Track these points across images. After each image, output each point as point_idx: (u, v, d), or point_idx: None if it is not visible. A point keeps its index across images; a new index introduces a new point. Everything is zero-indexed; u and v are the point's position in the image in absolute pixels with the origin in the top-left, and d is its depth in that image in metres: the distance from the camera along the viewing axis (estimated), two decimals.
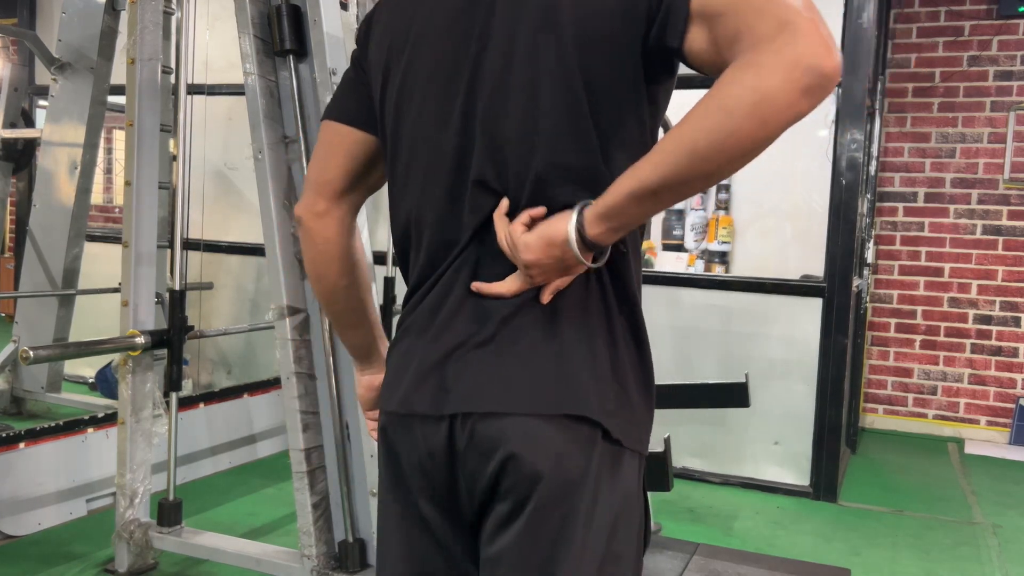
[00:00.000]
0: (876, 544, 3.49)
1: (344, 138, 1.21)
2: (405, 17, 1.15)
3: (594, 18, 1.02)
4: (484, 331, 1.07)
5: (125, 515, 2.84)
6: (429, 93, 1.11)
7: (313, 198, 1.23)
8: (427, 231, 1.13)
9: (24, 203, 5.61)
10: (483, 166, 1.07)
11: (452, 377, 1.07)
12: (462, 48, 1.08)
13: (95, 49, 4.37)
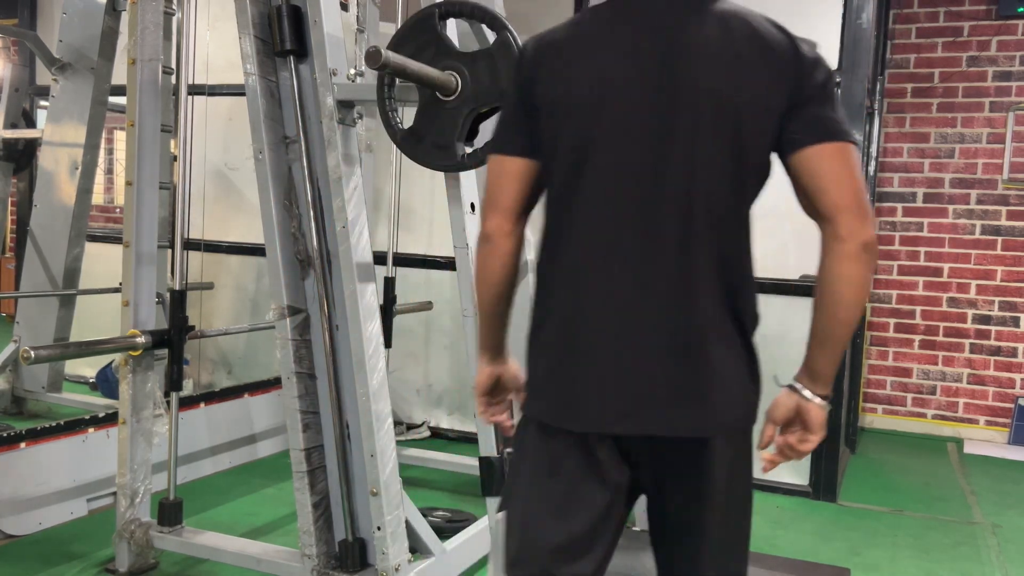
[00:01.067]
0: (875, 544, 3.50)
1: (519, 168, 1.41)
2: (589, 64, 1.34)
3: (761, 114, 1.31)
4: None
5: (126, 515, 2.84)
6: (626, 136, 1.31)
7: (501, 220, 1.43)
8: (615, 251, 1.33)
9: (25, 203, 5.62)
10: (676, 206, 1.31)
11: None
12: (656, 104, 1.30)
13: (96, 49, 4.37)
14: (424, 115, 2.09)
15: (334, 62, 2.40)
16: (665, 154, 1.30)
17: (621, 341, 1.32)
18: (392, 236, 4.16)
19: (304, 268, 2.56)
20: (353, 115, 2.45)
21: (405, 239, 4.77)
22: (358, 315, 2.38)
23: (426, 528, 2.64)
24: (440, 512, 3.40)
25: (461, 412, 4.81)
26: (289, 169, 2.56)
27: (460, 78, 2.03)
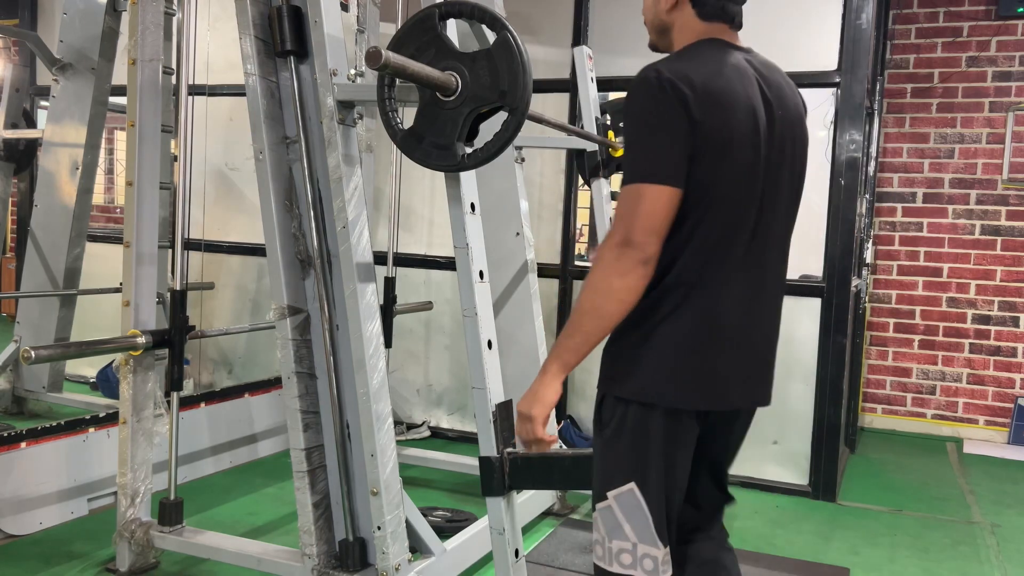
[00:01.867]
0: (875, 543, 3.50)
1: (676, 199, 1.53)
2: (741, 115, 1.55)
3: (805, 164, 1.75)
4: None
5: (126, 514, 2.85)
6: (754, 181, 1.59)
7: (657, 246, 1.54)
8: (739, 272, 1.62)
9: (25, 203, 5.62)
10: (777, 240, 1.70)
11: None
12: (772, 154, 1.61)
13: (96, 50, 4.38)
14: (424, 115, 2.10)
15: (334, 62, 2.40)
16: (774, 198, 1.63)
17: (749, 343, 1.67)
18: (392, 236, 4.17)
19: (304, 268, 2.56)
20: (353, 115, 2.45)
21: (405, 239, 4.78)
22: (358, 315, 2.38)
23: (426, 528, 2.65)
24: (440, 512, 3.40)
25: (461, 412, 4.81)
26: (289, 169, 2.56)
27: (460, 78, 2.03)
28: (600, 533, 1.67)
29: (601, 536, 1.67)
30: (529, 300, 3.57)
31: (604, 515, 1.66)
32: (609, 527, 1.65)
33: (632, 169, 1.54)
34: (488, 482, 2.16)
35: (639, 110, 1.54)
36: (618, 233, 1.53)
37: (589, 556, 3.14)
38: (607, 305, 1.55)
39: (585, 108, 3.50)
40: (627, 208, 1.52)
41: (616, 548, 1.65)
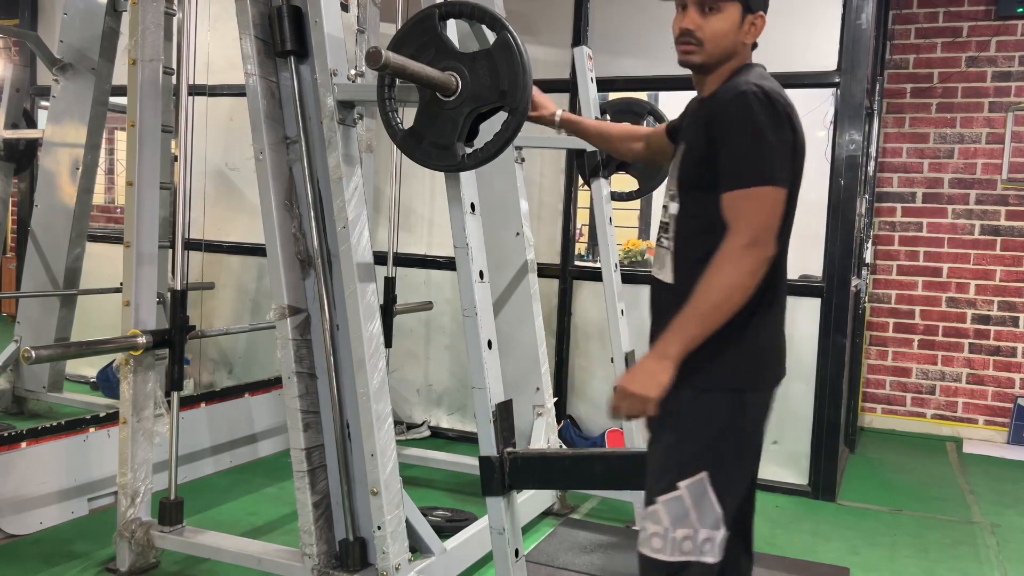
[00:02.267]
0: (875, 543, 3.51)
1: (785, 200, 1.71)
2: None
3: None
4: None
5: (126, 514, 2.85)
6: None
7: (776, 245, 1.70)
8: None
9: (26, 203, 5.62)
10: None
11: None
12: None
13: (96, 50, 4.38)
14: (424, 115, 2.10)
15: (334, 62, 2.40)
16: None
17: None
18: (392, 236, 4.17)
19: (304, 268, 2.56)
20: (353, 115, 2.45)
21: (405, 239, 4.78)
22: (358, 315, 2.38)
23: (426, 527, 2.65)
24: (440, 511, 3.41)
25: (461, 412, 4.81)
26: (290, 169, 2.56)
27: (460, 78, 2.04)
28: (662, 524, 1.73)
29: (663, 527, 1.73)
30: (529, 300, 3.57)
31: (670, 506, 1.72)
32: (674, 516, 1.72)
33: (753, 174, 1.65)
34: (488, 482, 2.16)
35: (754, 121, 1.65)
36: (746, 235, 1.64)
37: (589, 556, 3.15)
38: (737, 301, 1.65)
39: (585, 108, 3.50)
40: (752, 210, 1.65)
41: (680, 536, 1.72)
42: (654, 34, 4.30)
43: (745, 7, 1.75)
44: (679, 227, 1.81)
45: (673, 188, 1.85)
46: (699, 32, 1.75)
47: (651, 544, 1.74)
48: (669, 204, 1.86)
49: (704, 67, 1.81)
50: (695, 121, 1.82)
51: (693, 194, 1.78)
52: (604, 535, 3.38)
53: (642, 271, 4.64)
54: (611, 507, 3.71)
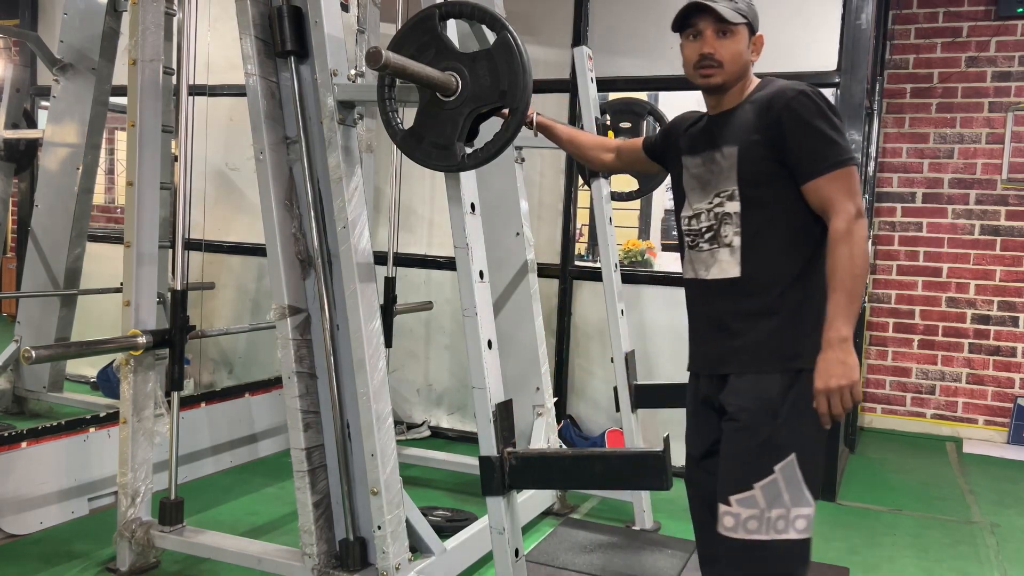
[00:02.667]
0: (874, 543, 3.51)
1: None
2: None
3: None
4: None
5: (127, 514, 2.85)
6: None
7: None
8: None
9: (26, 203, 5.63)
10: None
11: None
12: None
13: (97, 50, 4.38)
14: (424, 116, 2.10)
15: (335, 63, 2.40)
16: None
17: None
18: (392, 236, 4.17)
19: (305, 268, 2.57)
20: (354, 115, 2.46)
21: (405, 239, 4.78)
22: (359, 315, 2.39)
23: (426, 527, 2.65)
24: (440, 511, 3.41)
25: (461, 412, 4.82)
26: (290, 169, 2.56)
27: (460, 79, 2.04)
28: (758, 507, 1.84)
29: (759, 509, 1.84)
30: (529, 300, 3.57)
31: (766, 489, 1.84)
32: (770, 498, 1.84)
33: (839, 157, 1.83)
34: (488, 482, 2.16)
35: (822, 112, 1.85)
36: (853, 207, 1.81)
37: (589, 556, 3.16)
38: (865, 265, 1.81)
39: (585, 108, 3.50)
40: (849, 186, 1.83)
41: (775, 516, 1.84)
42: (654, 34, 4.30)
43: (750, 29, 1.96)
44: (745, 223, 1.92)
45: (728, 187, 1.94)
46: (718, 55, 1.93)
47: (747, 527, 1.85)
48: (724, 203, 1.95)
49: (724, 87, 1.97)
50: (738, 125, 1.95)
51: (759, 190, 1.91)
52: (604, 535, 3.38)
53: (642, 271, 4.64)
54: (611, 507, 3.72)
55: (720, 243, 1.96)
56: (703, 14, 1.92)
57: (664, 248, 5.32)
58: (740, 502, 1.86)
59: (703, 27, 1.93)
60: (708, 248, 1.98)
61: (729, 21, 1.91)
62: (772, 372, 1.87)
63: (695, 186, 2.04)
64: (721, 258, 1.95)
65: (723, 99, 2.00)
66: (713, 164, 1.99)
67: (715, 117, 2.03)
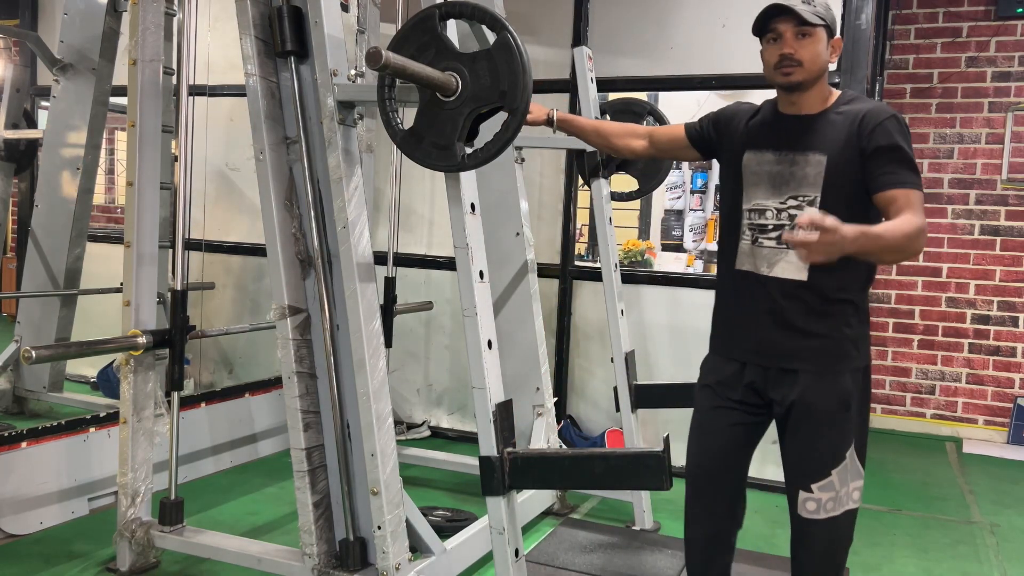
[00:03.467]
0: (874, 543, 3.51)
1: None
2: None
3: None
4: None
5: (127, 514, 2.85)
6: None
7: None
8: None
9: (26, 203, 5.63)
10: None
11: None
12: None
13: (97, 50, 4.38)
14: (424, 116, 2.10)
15: (335, 63, 2.40)
16: None
17: None
18: (392, 236, 4.17)
19: (305, 268, 2.57)
20: (354, 116, 2.46)
21: (405, 239, 4.79)
22: (359, 315, 2.39)
23: (426, 527, 2.65)
24: (440, 511, 3.41)
25: (461, 412, 4.82)
26: (290, 169, 2.57)
27: (460, 79, 2.04)
28: (835, 489, 2.08)
29: (835, 492, 2.08)
30: (529, 300, 3.57)
31: (841, 473, 2.08)
32: (842, 480, 2.08)
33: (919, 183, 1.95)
34: (488, 482, 2.16)
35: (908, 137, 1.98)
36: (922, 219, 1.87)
37: (589, 556, 3.16)
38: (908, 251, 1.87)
39: (585, 108, 3.50)
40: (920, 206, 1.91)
41: (844, 493, 2.10)
42: (654, 34, 4.30)
43: (828, 32, 2.03)
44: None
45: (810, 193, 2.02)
46: (797, 55, 2.00)
47: (826, 508, 2.10)
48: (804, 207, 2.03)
49: (803, 85, 2.04)
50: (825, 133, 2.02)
51: (840, 202, 1.97)
52: (604, 535, 3.38)
53: (642, 271, 4.64)
54: (611, 507, 3.72)
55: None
56: (783, 16, 1.99)
57: (664, 248, 5.32)
58: (821, 488, 2.09)
59: (783, 29, 2.00)
60: (773, 246, 2.07)
61: (809, 22, 1.97)
62: (845, 372, 2.06)
63: (762, 182, 2.09)
64: (790, 259, 2.04)
65: (802, 100, 2.06)
66: (794, 166, 2.05)
67: (794, 118, 2.08)
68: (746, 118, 2.19)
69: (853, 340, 2.07)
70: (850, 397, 2.06)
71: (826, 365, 2.06)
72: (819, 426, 2.07)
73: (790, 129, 2.07)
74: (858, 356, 2.09)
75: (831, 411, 2.06)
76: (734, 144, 2.17)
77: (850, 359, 2.07)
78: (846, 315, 2.05)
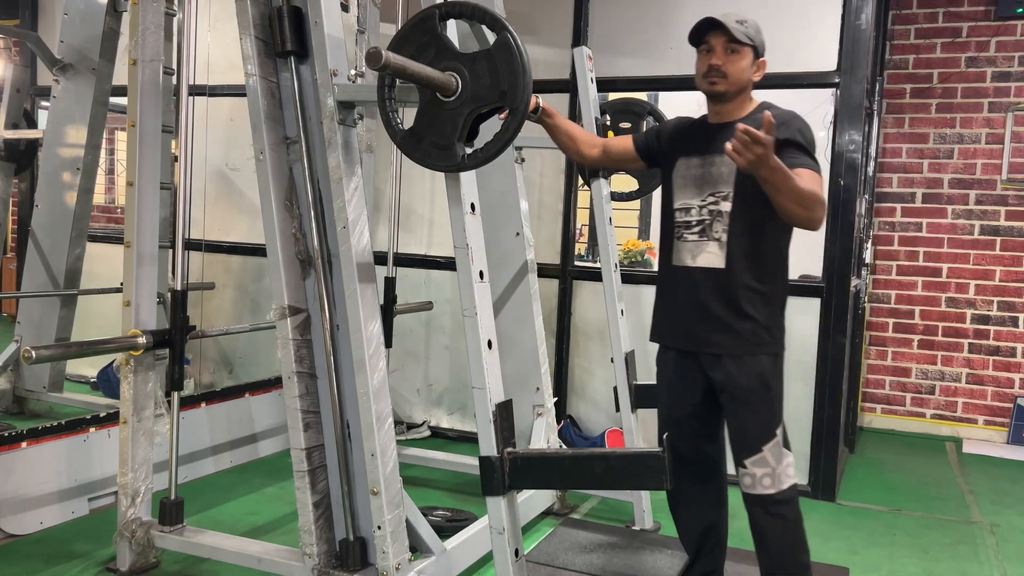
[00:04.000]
0: (874, 543, 3.51)
1: None
2: None
3: None
4: None
5: (127, 514, 2.85)
6: None
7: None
8: None
9: (26, 204, 5.63)
10: None
11: None
12: None
13: (97, 50, 4.38)
14: (424, 116, 2.10)
15: (335, 63, 2.40)
16: None
17: None
18: (392, 236, 4.17)
19: (305, 268, 2.57)
20: (354, 116, 2.46)
21: (405, 239, 4.79)
22: (359, 315, 2.39)
23: (426, 527, 2.65)
24: (440, 511, 3.41)
25: (461, 412, 4.82)
26: (290, 169, 2.57)
27: (460, 79, 2.04)
28: (770, 466, 2.30)
29: (771, 467, 2.30)
30: (529, 300, 3.58)
31: (773, 450, 2.30)
32: (776, 456, 2.31)
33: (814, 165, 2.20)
34: (488, 482, 2.16)
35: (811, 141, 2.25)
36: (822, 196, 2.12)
37: (589, 556, 3.16)
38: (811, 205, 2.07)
39: (585, 108, 3.50)
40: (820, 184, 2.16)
41: (781, 469, 2.32)
42: (654, 34, 4.30)
43: (755, 53, 2.29)
44: (733, 222, 2.28)
45: (725, 189, 2.28)
46: (724, 68, 2.26)
47: (762, 484, 2.31)
48: (719, 203, 2.29)
49: (726, 95, 2.30)
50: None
51: (750, 196, 2.21)
52: (604, 535, 3.38)
53: (642, 271, 4.64)
54: (611, 507, 3.72)
55: (709, 237, 2.30)
56: (716, 31, 2.24)
57: None
58: (754, 463, 2.30)
59: (715, 43, 2.26)
60: (696, 240, 2.33)
61: (738, 40, 2.23)
62: (761, 355, 2.30)
63: (689, 184, 2.36)
64: (709, 250, 2.31)
65: (725, 109, 2.33)
66: (712, 167, 2.30)
67: (717, 126, 2.35)
68: (682, 130, 2.46)
69: (766, 327, 2.31)
70: (769, 378, 2.31)
71: (744, 349, 2.30)
72: (746, 404, 2.31)
73: (713, 136, 2.33)
74: (772, 342, 2.33)
75: (754, 390, 2.30)
76: (672, 153, 2.43)
77: (765, 344, 2.31)
78: (758, 304, 2.30)
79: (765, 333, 2.31)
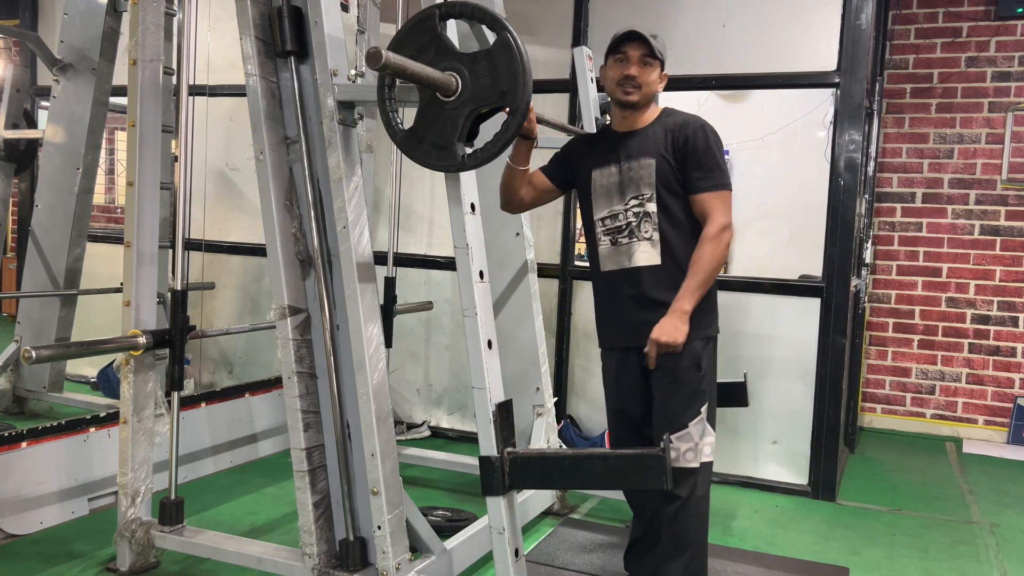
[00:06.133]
0: (874, 543, 3.51)
1: None
2: None
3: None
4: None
5: (127, 514, 2.85)
6: None
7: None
8: None
9: (26, 203, 5.63)
10: None
11: None
12: None
13: (97, 50, 4.38)
14: (424, 116, 2.10)
15: (335, 63, 2.41)
16: None
17: None
18: (392, 236, 4.18)
19: (305, 268, 2.57)
20: (354, 115, 2.46)
21: (405, 239, 4.79)
22: (359, 315, 2.39)
23: (426, 527, 2.65)
24: (440, 511, 3.41)
25: (461, 412, 4.82)
26: (290, 169, 2.57)
27: (460, 79, 2.04)
28: (693, 441, 2.44)
29: (694, 443, 2.44)
30: (529, 300, 3.58)
31: (697, 427, 2.45)
32: (699, 433, 2.46)
33: (722, 181, 2.42)
34: (488, 482, 2.16)
35: (717, 144, 2.45)
36: (723, 220, 2.39)
37: (589, 556, 3.16)
38: (720, 267, 2.42)
39: (585, 108, 3.50)
40: (724, 204, 2.41)
41: (702, 444, 2.46)
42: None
43: (662, 66, 2.48)
44: (660, 220, 2.44)
45: (647, 191, 2.45)
46: (639, 78, 2.42)
47: (686, 458, 2.44)
48: (644, 204, 2.45)
49: (638, 104, 2.46)
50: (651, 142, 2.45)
51: (670, 195, 2.43)
52: (604, 535, 3.38)
53: None
54: (611, 507, 3.72)
55: (639, 237, 2.46)
56: (635, 43, 2.41)
57: None
58: (679, 438, 2.44)
59: (632, 54, 2.42)
60: (628, 242, 2.48)
61: (655, 54, 2.42)
62: (695, 339, 2.43)
63: (608, 192, 2.50)
64: (642, 249, 2.47)
65: (634, 116, 2.49)
66: (631, 172, 2.46)
67: (624, 134, 2.51)
68: (590, 144, 2.60)
69: (701, 311, 2.44)
70: (700, 358, 2.47)
71: None
72: (675, 382, 2.45)
73: (626, 143, 2.48)
74: (707, 325, 2.50)
75: (685, 368, 2.44)
76: (585, 167, 2.55)
77: (700, 327, 2.45)
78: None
79: (700, 317, 2.43)
